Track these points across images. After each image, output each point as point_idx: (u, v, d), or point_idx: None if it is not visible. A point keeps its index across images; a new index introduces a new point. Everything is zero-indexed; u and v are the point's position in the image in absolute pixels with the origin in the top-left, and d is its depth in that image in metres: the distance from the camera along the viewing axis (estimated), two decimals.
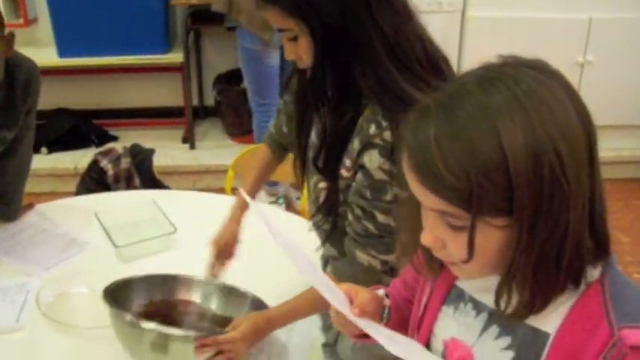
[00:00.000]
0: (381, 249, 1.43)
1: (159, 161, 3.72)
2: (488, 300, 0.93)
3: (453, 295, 1.03)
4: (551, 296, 0.86)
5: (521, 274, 0.84)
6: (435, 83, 1.30)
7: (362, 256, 1.44)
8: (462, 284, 1.02)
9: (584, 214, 0.82)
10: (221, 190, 2.62)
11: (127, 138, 4.34)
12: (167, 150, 4.25)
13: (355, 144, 1.38)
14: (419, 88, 1.32)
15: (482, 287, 0.95)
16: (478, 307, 0.98)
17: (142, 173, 3.48)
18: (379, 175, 1.36)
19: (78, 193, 3.36)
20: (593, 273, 0.87)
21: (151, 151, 3.60)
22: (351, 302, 1.06)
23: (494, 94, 0.81)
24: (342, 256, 1.53)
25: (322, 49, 1.35)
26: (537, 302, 0.86)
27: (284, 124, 1.77)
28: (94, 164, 3.45)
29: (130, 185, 3.41)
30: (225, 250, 1.77)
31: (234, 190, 2.51)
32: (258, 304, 1.63)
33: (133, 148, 3.56)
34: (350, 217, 1.45)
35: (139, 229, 2.04)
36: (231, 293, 1.69)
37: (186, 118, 4.42)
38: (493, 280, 0.89)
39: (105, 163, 3.41)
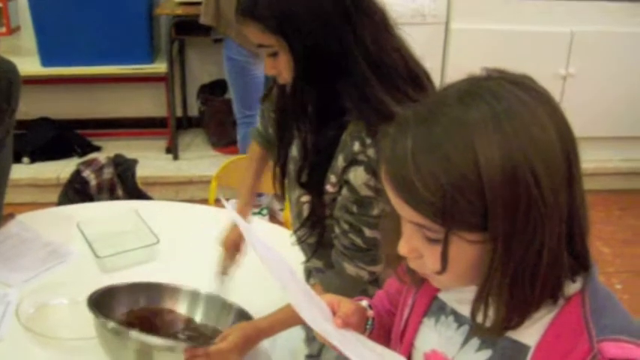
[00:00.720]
0: (367, 261, 1.43)
1: (142, 172, 3.70)
2: (470, 312, 0.93)
3: (435, 308, 1.03)
4: (528, 312, 0.86)
5: (497, 289, 0.84)
6: (417, 97, 1.31)
7: (350, 268, 1.44)
8: (444, 296, 1.02)
9: (562, 232, 0.82)
10: (204, 201, 2.61)
11: (110, 148, 4.32)
12: (150, 160, 4.23)
13: (340, 161, 1.38)
14: (401, 102, 1.32)
15: (463, 299, 0.95)
16: (459, 319, 0.98)
17: (125, 183, 3.46)
18: (365, 192, 1.36)
19: (60, 203, 3.33)
20: (574, 286, 0.87)
21: (134, 162, 3.58)
22: (334, 313, 1.06)
23: (472, 110, 0.81)
24: (328, 267, 1.53)
25: (302, 65, 1.35)
26: (514, 318, 0.86)
27: (269, 126, 1.76)
28: (77, 174, 3.43)
29: (112, 195, 3.39)
30: (233, 246, 1.78)
31: (217, 201, 2.50)
32: (241, 314, 1.63)
33: (116, 158, 3.55)
34: (337, 230, 1.45)
35: (122, 239, 2.02)
36: (215, 303, 1.69)
37: (169, 129, 4.41)
38: (474, 292, 0.89)
39: (88, 174, 3.39)
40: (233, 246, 1.78)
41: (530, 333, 0.88)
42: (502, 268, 0.82)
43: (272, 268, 1.05)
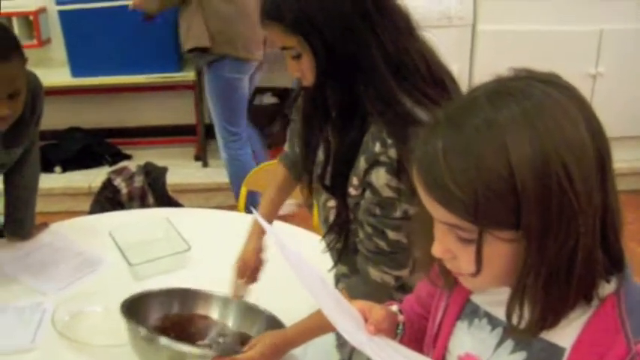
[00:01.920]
0: (392, 265, 1.42)
1: (172, 179, 3.73)
2: (503, 314, 0.92)
3: (468, 311, 1.03)
4: (563, 311, 0.85)
5: (532, 288, 0.83)
6: (439, 99, 1.31)
7: (375, 273, 1.44)
8: (477, 299, 1.01)
9: (596, 229, 0.81)
10: (234, 208, 2.62)
11: (140, 156, 4.37)
12: (180, 168, 4.26)
13: (361, 162, 1.38)
14: (422, 104, 1.32)
15: (497, 301, 0.95)
16: (493, 321, 0.98)
17: (156, 191, 3.49)
18: (387, 193, 1.36)
19: (92, 212, 3.36)
20: (608, 286, 0.86)
21: (164, 170, 3.61)
22: (366, 320, 1.05)
23: (503, 109, 0.81)
24: (354, 273, 1.53)
25: (324, 66, 1.35)
26: (549, 318, 0.85)
27: (296, 144, 1.76)
28: (108, 183, 3.46)
29: (143, 203, 3.42)
30: (247, 271, 1.73)
31: (247, 208, 2.51)
32: (273, 322, 1.63)
33: (147, 166, 3.58)
34: (361, 234, 1.45)
35: (153, 247, 2.04)
36: (247, 310, 1.69)
37: (198, 136, 4.44)
38: (507, 294, 0.89)
39: (118, 182, 3.43)
40: (246, 269, 1.72)
41: (565, 334, 0.87)
42: (537, 266, 0.81)
43: (303, 278, 1.05)
